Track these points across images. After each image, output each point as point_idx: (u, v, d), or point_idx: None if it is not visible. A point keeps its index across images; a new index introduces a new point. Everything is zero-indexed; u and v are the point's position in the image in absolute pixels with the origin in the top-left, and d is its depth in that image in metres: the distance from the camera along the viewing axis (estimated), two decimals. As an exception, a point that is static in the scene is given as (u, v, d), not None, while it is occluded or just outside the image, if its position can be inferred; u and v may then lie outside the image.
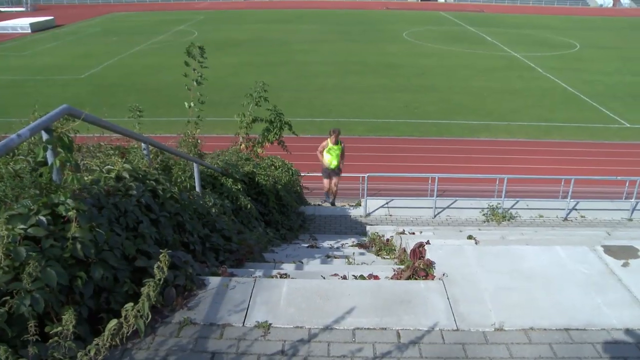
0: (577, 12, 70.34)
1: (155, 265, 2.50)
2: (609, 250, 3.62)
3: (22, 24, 47.68)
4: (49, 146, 2.89)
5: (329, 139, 11.04)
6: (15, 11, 64.00)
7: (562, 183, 11.89)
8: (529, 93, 25.74)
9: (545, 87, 27.01)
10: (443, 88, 26.24)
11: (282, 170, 10.00)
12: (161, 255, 2.53)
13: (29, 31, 46.41)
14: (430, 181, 11.69)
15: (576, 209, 10.38)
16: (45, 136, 2.87)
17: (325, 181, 11.71)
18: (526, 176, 14.73)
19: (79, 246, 2.52)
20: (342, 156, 11.28)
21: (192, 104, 7.21)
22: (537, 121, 21.50)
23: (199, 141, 7.15)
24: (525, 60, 33.78)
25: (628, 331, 2.75)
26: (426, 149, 18.30)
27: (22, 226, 2.45)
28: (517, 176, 13.66)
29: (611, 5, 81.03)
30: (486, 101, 24.17)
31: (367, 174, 10.79)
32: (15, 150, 3.51)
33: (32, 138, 3.34)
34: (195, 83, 7.19)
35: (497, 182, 11.50)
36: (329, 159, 11.11)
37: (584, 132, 20.41)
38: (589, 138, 19.71)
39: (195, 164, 5.67)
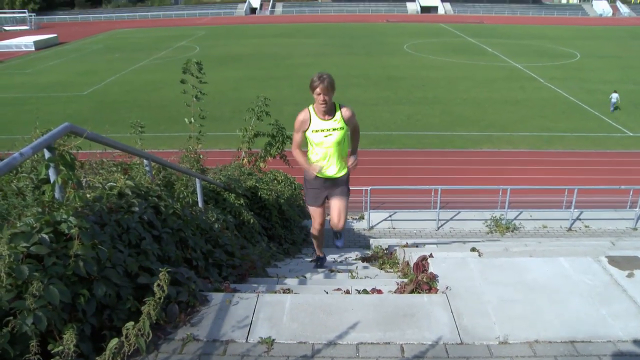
0: (577, 22, 70.61)
1: (155, 284, 2.50)
2: (613, 260, 3.61)
3: (26, 42, 48.27)
4: (51, 164, 2.90)
5: (310, 110, 4.71)
6: (20, 30, 64.68)
7: (566, 193, 11.87)
8: (530, 103, 25.78)
9: (546, 97, 27.04)
10: (445, 100, 26.29)
11: (284, 184, 10.00)
12: (161, 274, 2.53)
13: (33, 49, 46.98)
14: (433, 193, 11.67)
15: (580, 219, 10.35)
16: (47, 154, 2.89)
17: (315, 214, 5.34)
18: (529, 187, 14.71)
19: (81, 264, 2.52)
20: (354, 140, 5.01)
21: (192, 120, 7.23)
22: (539, 131, 21.51)
23: (201, 156, 7.16)
24: (526, 71, 33.86)
25: (634, 342, 2.73)
26: (429, 160, 18.30)
27: (24, 244, 2.45)
28: (520, 187, 13.63)
29: (611, 14, 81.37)
30: (488, 112, 24.20)
31: (370, 187, 10.78)
32: (19, 168, 3.52)
33: (35, 156, 3.35)
34: (194, 99, 7.22)
35: (500, 193, 11.48)
36: (320, 157, 4.84)
37: (587, 141, 20.40)
38: (591, 147, 19.70)
39: (197, 180, 5.68)
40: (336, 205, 5.06)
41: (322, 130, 4.66)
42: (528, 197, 14.03)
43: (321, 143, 4.71)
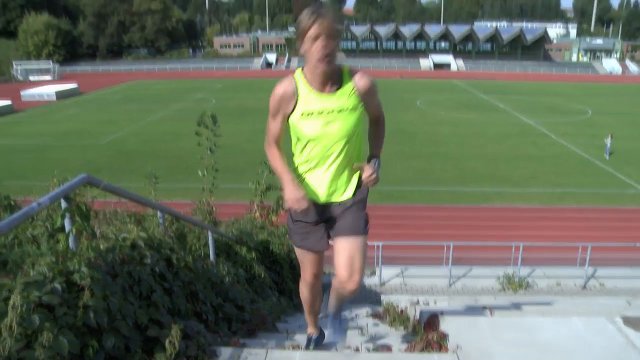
0: (587, 79, 71.39)
1: (167, 340, 2.50)
2: (628, 321, 3.54)
3: (48, 91, 49.93)
4: (67, 214, 2.96)
5: (298, 79, 2.67)
6: (44, 80, 66.77)
7: (580, 250, 11.72)
8: (542, 159, 25.81)
9: (558, 153, 27.09)
10: (457, 155, 26.40)
11: (296, 238, 9.96)
12: (173, 330, 2.53)
13: (54, 98, 48.54)
14: (445, 249, 11.59)
15: (595, 277, 10.19)
16: (64, 204, 2.95)
17: (305, 259, 3.13)
18: (542, 243, 14.56)
19: (92, 314, 2.53)
20: (377, 134, 3.07)
21: (205, 173, 7.33)
22: (552, 187, 21.44)
23: (213, 209, 7.22)
24: (538, 127, 34.05)
25: (650, 406, 2.66)
26: (441, 216, 18.24)
27: (37, 293, 2.48)
28: (533, 243, 13.51)
29: (620, 72, 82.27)
30: (500, 168, 24.24)
31: (382, 242, 10.74)
32: (34, 216, 3.58)
33: (52, 204, 3.42)
34: (209, 151, 7.33)
35: (512, 250, 11.37)
36: (315, 164, 2.81)
37: (600, 197, 20.28)
38: (604, 203, 19.56)
39: (210, 232, 5.71)
40: (345, 248, 2.81)
41: (321, 113, 2.62)
42: (541, 254, 13.87)
43: (319, 137, 2.67)
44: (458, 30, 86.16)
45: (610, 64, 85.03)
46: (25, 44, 78.57)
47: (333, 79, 2.60)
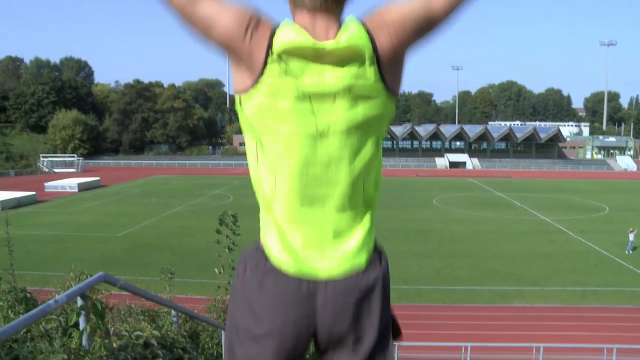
0: (603, 176, 71.60)
1: None
2: None
3: (71, 183, 51.56)
4: (83, 312, 3.02)
5: (281, 26, 1.30)
6: (67, 172, 69.11)
7: (605, 352, 11.35)
8: (561, 257, 25.46)
9: (577, 251, 26.73)
10: (474, 253, 26.17)
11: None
12: None
13: (76, 190, 50.03)
14: (463, 351, 11.28)
15: (621, 382, 9.79)
16: (80, 302, 3.03)
17: None
18: (564, 345, 14.08)
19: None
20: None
21: (222, 270, 7.40)
22: (572, 286, 21.00)
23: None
24: (555, 224, 33.84)
25: None
26: (458, 316, 17.83)
27: (49, 394, 2.50)
28: (555, 345, 13.09)
29: (635, 169, 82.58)
30: (518, 266, 23.90)
31: (397, 343, 10.48)
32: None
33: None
34: (227, 250, 7.44)
35: (533, 351, 11.04)
36: (288, 196, 1.39)
37: (622, 296, 19.78)
38: (627, 302, 19.04)
39: (223, 332, 5.70)
40: None
41: (312, 88, 1.30)
42: (563, 355, 13.40)
43: (302, 137, 1.34)
44: (472, 130, 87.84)
45: (625, 161, 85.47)
46: (54, 138, 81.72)
47: (331, 20, 1.32)
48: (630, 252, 25.64)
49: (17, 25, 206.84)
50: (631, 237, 26.03)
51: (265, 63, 1.28)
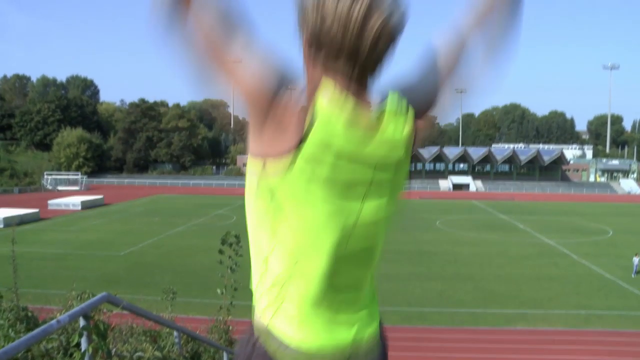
0: (606, 198, 71.43)
1: None
2: None
3: (74, 201, 51.66)
4: (85, 332, 3.02)
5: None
6: (71, 190, 69.28)
7: (608, 378, 11.22)
8: (565, 280, 25.30)
9: (581, 274, 26.57)
10: (477, 276, 26.03)
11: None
12: None
13: (80, 208, 50.09)
14: (465, 373, 11.17)
15: (625, 408, 9.67)
16: (82, 322, 3.03)
17: None
18: (569, 369, 13.95)
19: None
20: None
21: (224, 291, 7.39)
22: (576, 309, 20.83)
23: (230, 327, 7.19)
24: (559, 247, 33.69)
25: None
26: (462, 339, 17.69)
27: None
28: (559, 369, 12.95)
29: (639, 192, 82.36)
30: (521, 289, 23.75)
31: (399, 364, 10.40)
32: (51, 332, 3.64)
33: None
34: (229, 270, 7.43)
35: (537, 376, 10.92)
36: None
37: (627, 320, 19.60)
38: (632, 327, 18.86)
39: (225, 353, 5.68)
40: None
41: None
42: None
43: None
44: (476, 152, 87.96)
45: (629, 184, 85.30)
46: (58, 156, 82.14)
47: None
48: (634, 275, 25.52)
49: (25, 44, 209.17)
50: (636, 260, 25.90)
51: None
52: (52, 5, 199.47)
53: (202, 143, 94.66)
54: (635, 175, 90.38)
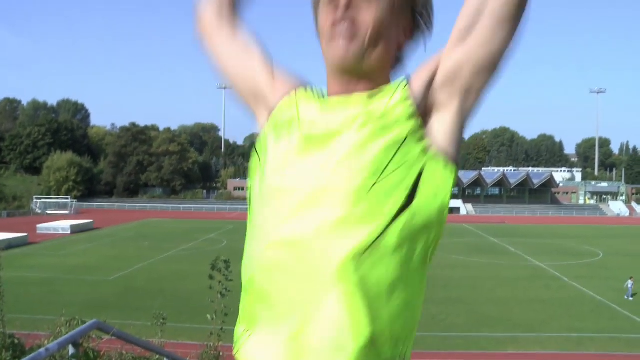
0: (596, 221, 71.82)
1: None
2: None
3: (63, 225, 51.08)
4: None
5: (300, 94, 1.17)
6: (60, 214, 68.73)
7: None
8: (556, 302, 25.27)
9: (572, 296, 26.56)
10: (469, 300, 25.96)
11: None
12: None
13: (69, 232, 49.57)
14: (458, 398, 11.08)
15: None
16: (71, 350, 2.99)
17: None
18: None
19: None
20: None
21: (214, 316, 7.32)
22: (568, 332, 20.78)
23: (220, 353, 7.11)
24: (550, 270, 33.72)
25: None
26: (454, 362, 17.58)
27: None
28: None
29: (628, 214, 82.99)
30: (513, 312, 23.69)
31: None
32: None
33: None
34: (219, 295, 7.38)
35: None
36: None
37: (619, 343, 19.54)
38: (624, 349, 18.82)
39: (213, 378, 5.61)
40: None
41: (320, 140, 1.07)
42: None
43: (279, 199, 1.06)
44: (466, 176, 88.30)
45: (618, 207, 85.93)
46: (48, 180, 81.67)
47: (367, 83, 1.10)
48: (630, 298, 25.48)
49: (16, 68, 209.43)
50: (630, 284, 25.86)
51: None
52: (44, 28, 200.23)
53: (192, 167, 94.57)
54: (623, 197, 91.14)
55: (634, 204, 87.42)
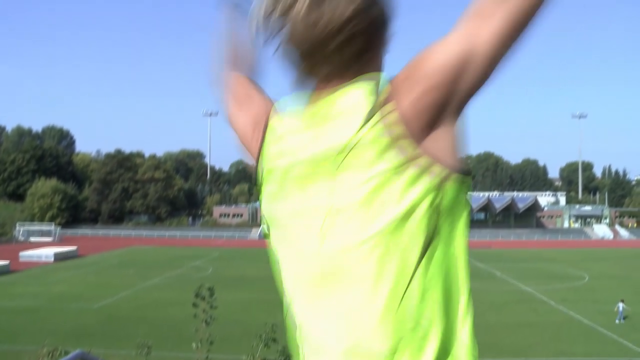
0: (581, 244, 72.30)
1: None
2: None
3: (47, 253, 50.42)
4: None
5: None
6: (44, 241, 67.79)
7: None
8: (544, 326, 25.26)
9: (560, 320, 26.61)
10: (456, 323, 25.87)
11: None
12: None
13: (52, 260, 48.73)
14: None
15: None
16: (57, 380, 2.96)
17: None
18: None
19: None
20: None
21: (199, 345, 7.26)
22: (555, 356, 20.80)
23: (206, 382, 7.03)
24: (537, 294, 33.79)
25: None
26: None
27: None
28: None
29: (612, 237, 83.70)
30: (500, 336, 23.59)
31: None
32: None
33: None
34: (204, 324, 7.32)
35: None
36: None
37: (608, 367, 19.59)
38: (613, 374, 18.86)
39: (200, 407, 5.54)
40: None
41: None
42: None
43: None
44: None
45: (602, 230, 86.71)
46: (31, 207, 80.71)
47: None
48: (622, 321, 25.47)
49: (1, 94, 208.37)
50: (621, 306, 25.82)
51: None
52: (30, 53, 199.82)
53: (178, 194, 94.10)
54: (607, 220, 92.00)
55: (617, 227, 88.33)
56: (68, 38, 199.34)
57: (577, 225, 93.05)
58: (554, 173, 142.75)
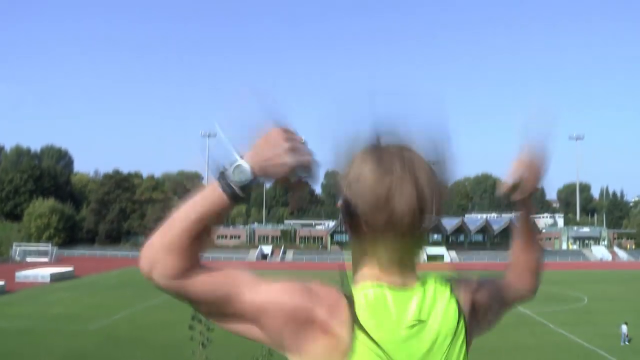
0: (579, 266, 72.21)
1: None
2: None
3: (43, 273, 50.06)
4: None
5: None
6: (40, 261, 67.46)
7: None
8: (542, 349, 25.10)
9: (559, 343, 26.41)
10: (455, 345, 25.68)
11: None
12: None
13: (48, 281, 48.42)
14: None
15: None
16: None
17: None
18: None
19: None
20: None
21: (196, 370, 7.21)
22: (556, 380, 20.62)
23: (204, 404, 6.98)
24: (535, 316, 33.58)
25: None
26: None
27: None
28: None
29: (610, 259, 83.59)
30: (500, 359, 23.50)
31: None
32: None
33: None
34: (201, 346, 7.28)
35: None
36: None
37: (608, 391, 19.43)
38: (614, 398, 18.69)
39: None
40: None
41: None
42: None
43: None
44: (449, 223, 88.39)
45: (600, 251, 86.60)
46: (28, 226, 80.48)
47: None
48: (627, 343, 25.19)
49: (0, 113, 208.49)
50: (624, 329, 25.52)
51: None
52: (28, 73, 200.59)
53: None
54: (605, 242, 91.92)
55: (616, 249, 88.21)
56: (67, 58, 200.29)
57: (575, 246, 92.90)
58: (551, 195, 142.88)
